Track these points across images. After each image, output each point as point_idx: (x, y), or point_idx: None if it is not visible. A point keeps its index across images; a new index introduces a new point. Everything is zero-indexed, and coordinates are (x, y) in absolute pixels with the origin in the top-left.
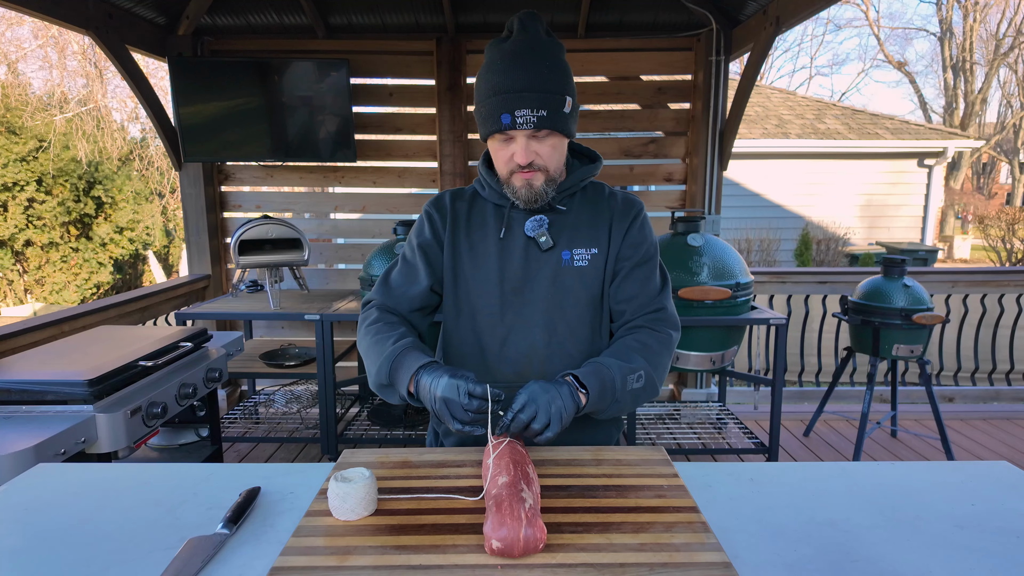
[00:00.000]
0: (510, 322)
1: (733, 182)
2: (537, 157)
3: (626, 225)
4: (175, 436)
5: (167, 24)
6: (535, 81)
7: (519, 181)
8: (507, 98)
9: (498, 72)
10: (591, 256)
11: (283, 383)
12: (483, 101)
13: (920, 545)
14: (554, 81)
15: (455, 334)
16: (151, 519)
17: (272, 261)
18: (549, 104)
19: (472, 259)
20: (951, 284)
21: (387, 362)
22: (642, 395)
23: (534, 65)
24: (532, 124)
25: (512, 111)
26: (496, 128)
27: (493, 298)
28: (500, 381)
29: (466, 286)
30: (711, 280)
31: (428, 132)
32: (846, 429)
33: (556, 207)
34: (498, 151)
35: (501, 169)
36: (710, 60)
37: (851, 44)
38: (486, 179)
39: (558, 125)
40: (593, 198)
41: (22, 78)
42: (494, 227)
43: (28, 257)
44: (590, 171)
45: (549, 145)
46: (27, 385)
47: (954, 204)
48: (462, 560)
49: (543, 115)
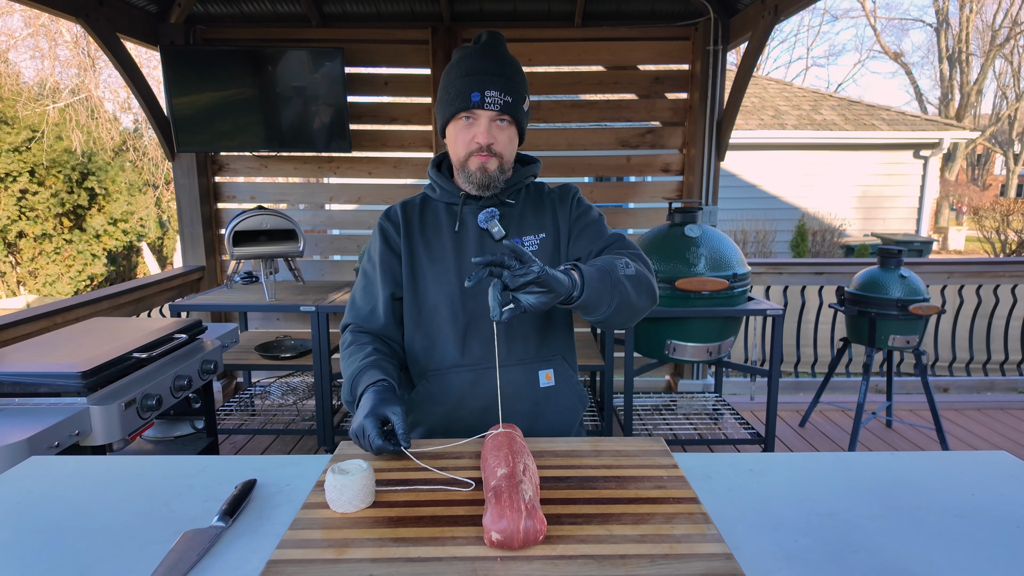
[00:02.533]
0: (471, 309)
1: (730, 173)
2: (496, 143)
3: (567, 205)
4: (170, 428)
5: (159, 12)
6: (504, 70)
7: (475, 163)
8: (479, 78)
9: (469, 59)
10: (540, 240)
11: (279, 375)
12: (452, 83)
13: (920, 535)
14: (519, 79)
15: (417, 330)
16: (146, 512)
17: (267, 252)
18: (514, 93)
19: (429, 256)
20: (946, 275)
21: (348, 381)
22: (639, 285)
23: (503, 59)
24: (499, 106)
25: (482, 90)
26: (463, 106)
27: (453, 289)
28: (465, 366)
29: (425, 283)
30: (708, 271)
31: (423, 122)
32: (842, 419)
33: (505, 201)
34: (459, 133)
35: (459, 152)
36: (708, 49)
37: (848, 35)
38: (436, 180)
39: (518, 116)
40: (535, 194)
41: (13, 68)
42: (447, 223)
43: (21, 249)
44: (532, 170)
45: (507, 136)
46: (20, 377)
47: (949, 195)
48: (461, 552)
49: (508, 101)
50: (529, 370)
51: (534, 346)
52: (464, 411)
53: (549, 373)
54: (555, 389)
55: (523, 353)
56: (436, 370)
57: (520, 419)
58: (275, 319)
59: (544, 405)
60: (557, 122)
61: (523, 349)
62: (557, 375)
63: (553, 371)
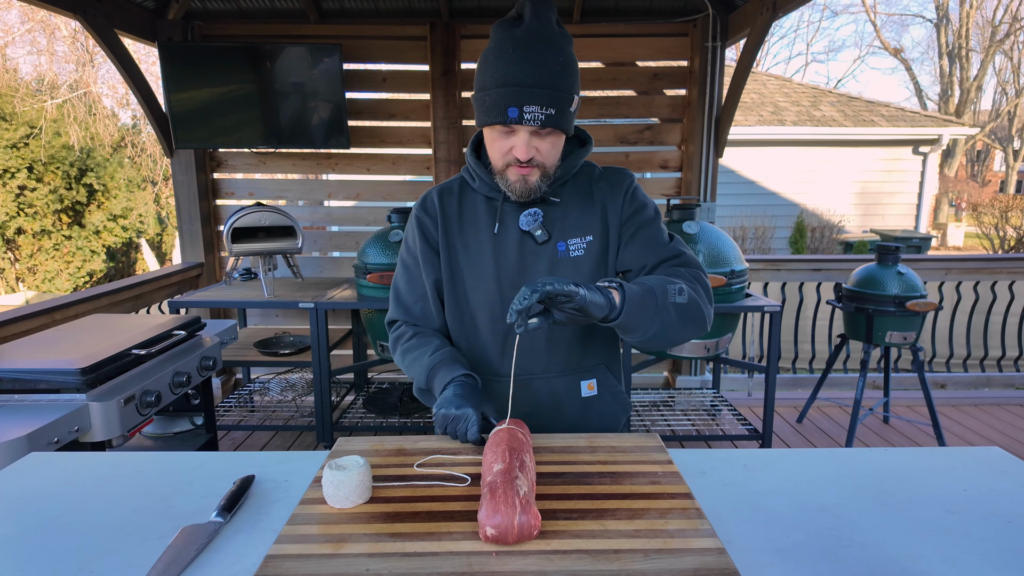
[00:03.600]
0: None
1: (728, 169)
2: (537, 154)
3: (619, 200)
4: (169, 424)
5: (156, 8)
6: (547, 77)
7: (514, 175)
8: (517, 91)
9: (508, 61)
10: (586, 244)
11: (278, 371)
12: (488, 90)
13: (912, 530)
14: (565, 79)
15: (460, 333)
16: (144, 508)
17: (265, 249)
18: (558, 103)
19: (467, 257)
20: (944, 271)
21: (424, 372)
22: (687, 314)
23: (547, 59)
24: (539, 122)
25: (521, 106)
26: (500, 120)
27: (492, 295)
28: (504, 376)
29: (464, 285)
30: (706, 267)
31: (422, 118)
32: (839, 415)
33: (549, 199)
34: (496, 140)
35: (496, 160)
36: (706, 46)
37: (847, 31)
38: (475, 170)
39: (563, 124)
40: (583, 184)
41: (11, 63)
42: (487, 222)
43: (20, 245)
44: (580, 156)
45: (549, 142)
46: (19, 374)
47: (948, 192)
48: (457, 547)
49: (551, 113)
50: (571, 380)
51: (577, 356)
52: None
53: (592, 383)
54: (597, 398)
55: (564, 364)
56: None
57: (560, 429)
58: (274, 315)
59: (586, 414)
60: None
61: (565, 359)
62: (600, 384)
63: (596, 380)
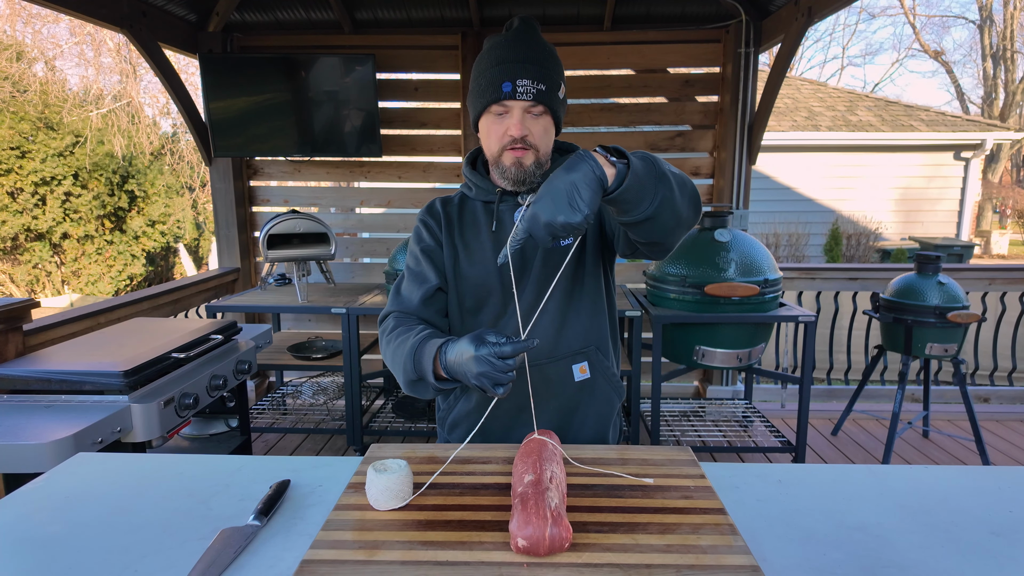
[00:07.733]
0: (513, 311)
1: (761, 175)
2: (530, 135)
3: None
4: (205, 426)
5: (198, 21)
6: (537, 56)
7: (509, 159)
8: (510, 67)
9: (499, 47)
10: None
11: (310, 375)
12: (482, 74)
13: (954, 552)
14: (552, 65)
15: (461, 331)
16: (185, 509)
17: (300, 255)
18: (548, 80)
19: (468, 256)
20: (988, 281)
21: (409, 355)
22: (684, 188)
23: (536, 45)
24: (532, 95)
25: (514, 79)
26: (495, 97)
27: (494, 290)
28: None
29: (466, 283)
30: (738, 276)
31: (452, 127)
32: (876, 429)
33: None
34: (491, 127)
35: (492, 147)
36: (739, 52)
37: (885, 33)
38: (472, 179)
39: (553, 104)
40: None
41: (59, 75)
42: (485, 222)
43: (65, 249)
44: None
45: (542, 126)
46: (66, 375)
47: (992, 198)
48: (488, 557)
49: (542, 89)
50: (562, 366)
51: (563, 339)
52: (499, 411)
53: (584, 366)
54: (591, 382)
55: (551, 349)
56: None
57: (554, 416)
58: (307, 320)
59: (579, 399)
60: (586, 126)
61: (551, 346)
62: (592, 367)
63: (588, 363)
